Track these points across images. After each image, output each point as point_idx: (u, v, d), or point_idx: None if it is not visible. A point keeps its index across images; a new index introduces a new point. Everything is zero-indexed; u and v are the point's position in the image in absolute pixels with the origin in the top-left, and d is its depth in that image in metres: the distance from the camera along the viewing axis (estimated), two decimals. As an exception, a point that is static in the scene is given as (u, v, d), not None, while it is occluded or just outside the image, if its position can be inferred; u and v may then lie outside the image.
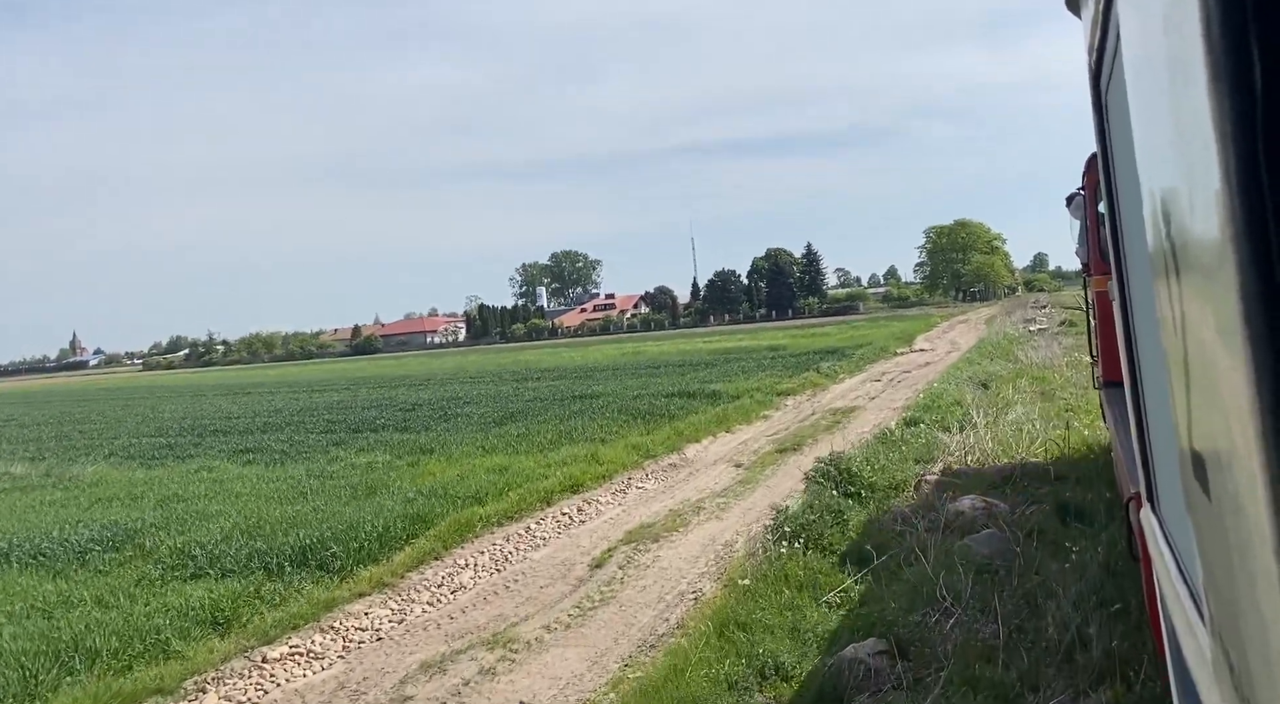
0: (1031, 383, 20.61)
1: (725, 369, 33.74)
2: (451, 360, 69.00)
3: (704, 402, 23.54)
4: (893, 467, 11.93)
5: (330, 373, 63.56)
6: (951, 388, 20.39)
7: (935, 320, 73.77)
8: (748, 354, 43.45)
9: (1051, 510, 9.00)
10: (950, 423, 15.56)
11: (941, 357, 36.26)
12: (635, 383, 30.27)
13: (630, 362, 44.67)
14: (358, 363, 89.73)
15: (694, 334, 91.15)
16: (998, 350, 30.70)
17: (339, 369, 71.45)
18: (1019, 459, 11.92)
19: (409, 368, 60.03)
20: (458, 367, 53.97)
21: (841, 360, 35.46)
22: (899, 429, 15.09)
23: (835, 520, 9.07)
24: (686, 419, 20.11)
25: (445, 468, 15.88)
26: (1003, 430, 14.11)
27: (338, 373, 62.34)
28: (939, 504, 9.27)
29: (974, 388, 20.44)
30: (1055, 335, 36.02)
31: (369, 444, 19.69)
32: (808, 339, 51.72)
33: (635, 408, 22.09)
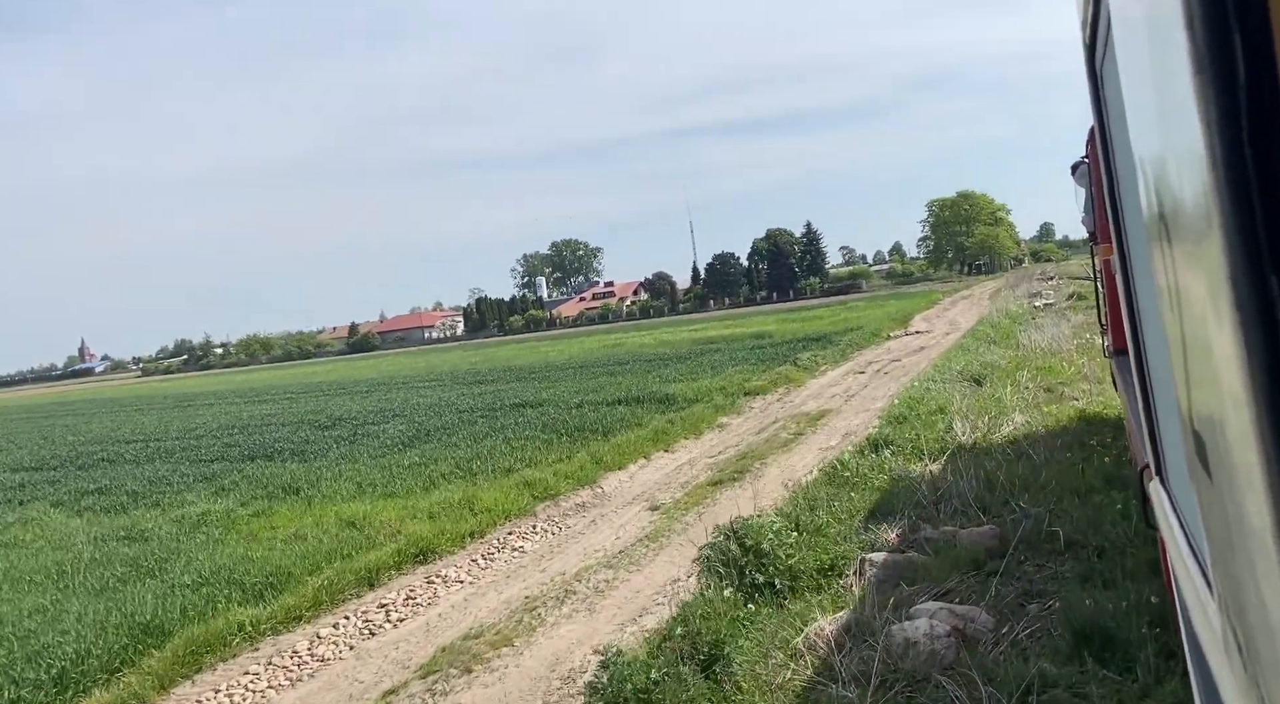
0: (1035, 376, 16.95)
1: (697, 364, 30.15)
2: (431, 358, 65.43)
3: (654, 408, 20.01)
4: (830, 530, 8.32)
5: (299, 377, 59.97)
6: (937, 387, 16.73)
7: (937, 297, 69.90)
8: (731, 343, 39.85)
9: (1064, 631, 5.44)
10: (926, 442, 11.94)
11: (938, 340, 32.58)
12: (590, 385, 26.72)
13: (603, 356, 41.09)
14: (340, 364, 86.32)
15: (686, 322, 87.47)
16: (998, 332, 26.97)
17: (315, 371, 67.91)
18: (1013, 508, 8.33)
19: (382, 368, 56.53)
20: (428, 367, 50.41)
21: (826, 348, 31.85)
22: (856, 458, 11.46)
23: (703, 673, 5.45)
24: (624, 434, 16.59)
25: (293, 519, 12.40)
26: (993, 457, 10.51)
27: (306, 377, 58.79)
28: (879, 624, 5.69)
29: (964, 386, 16.78)
30: (1063, 311, 32.25)
31: (238, 480, 16.22)
32: (798, 324, 48.01)
33: (570, 421, 18.57)
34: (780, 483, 12.17)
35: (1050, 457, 10.30)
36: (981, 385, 16.63)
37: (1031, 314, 33.36)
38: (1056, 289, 48.32)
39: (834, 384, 23.77)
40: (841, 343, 33.14)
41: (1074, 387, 15.94)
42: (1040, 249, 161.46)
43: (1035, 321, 29.85)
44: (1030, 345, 22.21)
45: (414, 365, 55.12)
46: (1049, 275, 64.76)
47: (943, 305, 59.20)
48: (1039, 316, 32.15)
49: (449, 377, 38.83)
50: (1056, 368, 17.75)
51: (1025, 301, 40.81)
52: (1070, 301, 36.73)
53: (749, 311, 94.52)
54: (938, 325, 40.73)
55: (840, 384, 23.54)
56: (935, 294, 75.20)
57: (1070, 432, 11.77)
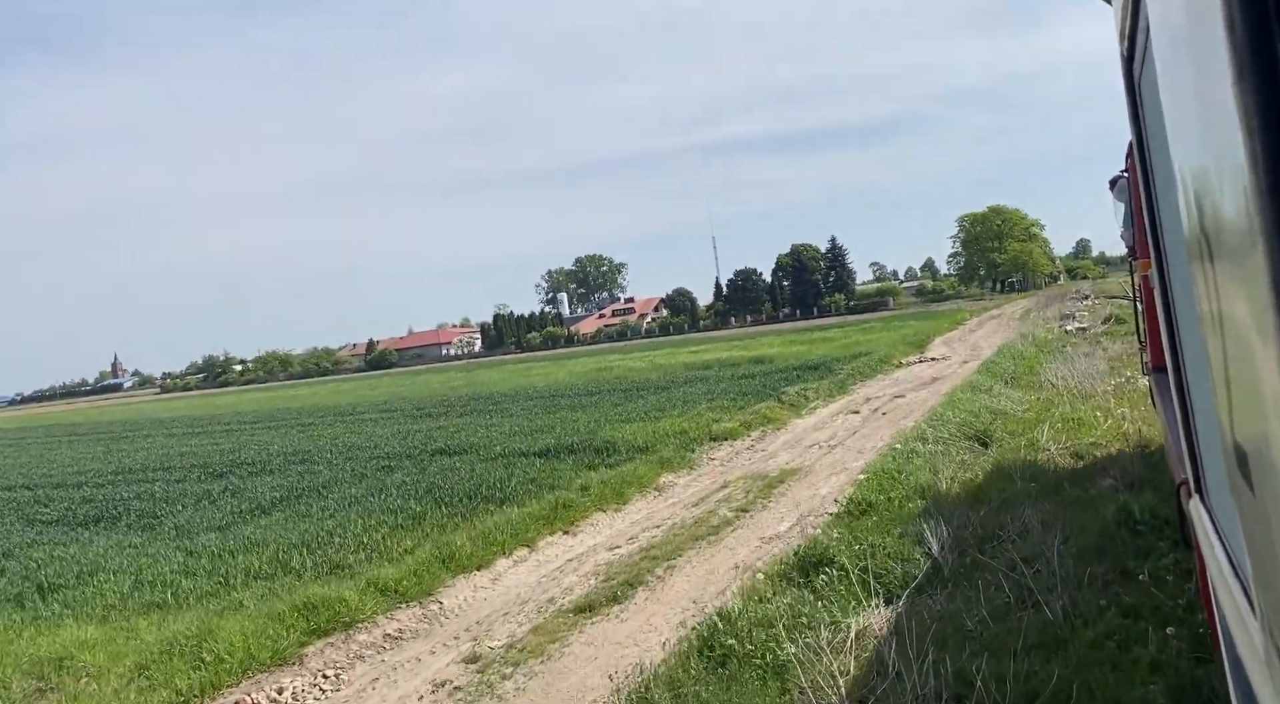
0: (1059, 433, 12.85)
1: (674, 396, 26.20)
2: (420, 380, 61.76)
3: (588, 461, 16.15)
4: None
5: (279, 402, 56.44)
6: (928, 449, 12.63)
7: (964, 316, 65.40)
8: (727, 369, 35.89)
9: None
10: (887, 556, 7.91)
11: (954, 369, 28.41)
12: (537, 424, 22.88)
13: (584, 383, 37.23)
14: (339, 384, 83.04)
15: (702, 340, 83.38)
16: (1019, 365, 22.77)
17: (298, 395, 64.35)
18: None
19: (362, 393, 52.88)
20: (399, 392, 46.63)
21: (824, 378, 27.80)
22: (765, 596, 7.43)
23: None
24: (526, 505, 12.73)
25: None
26: (981, 599, 6.51)
27: (285, 402, 55.30)
28: None
29: (964, 448, 12.70)
30: (1098, 339, 27.93)
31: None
32: (805, 347, 43.86)
33: (474, 480, 14.74)
34: (681, 609, 8.25)
35: (1075, 603, 6.28)
36: (987, 447, 12.54)
37: (1061, 341, 29.02)
38: (1091, 310, 43.78)
39: (820, 426, 19.75)
40: (844, 372, 29.05)
41: (1111, 447, 11.88)
42: (1076, 266, 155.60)
43: (1065, 351, 25.59)
44: (1057, 384, 18.06)
45: (393, 389, 51.36)
46: (1084, 294, 59.99)
47: (968, 326, 54.77)
48: (1070, 343, 27.86)
49: (413, 406, 35.07)
50: (1088, 420, 13.63)
51: (1055, 325, 36.40)
52: (1107, 326, 32.34)
53: (764, 330, 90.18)
54: (958, 351, 36.46)
55: (826, 427, 19.52)
56: (963, 313, 70.64)
57: (1107, 537, 7.74)
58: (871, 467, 12.15)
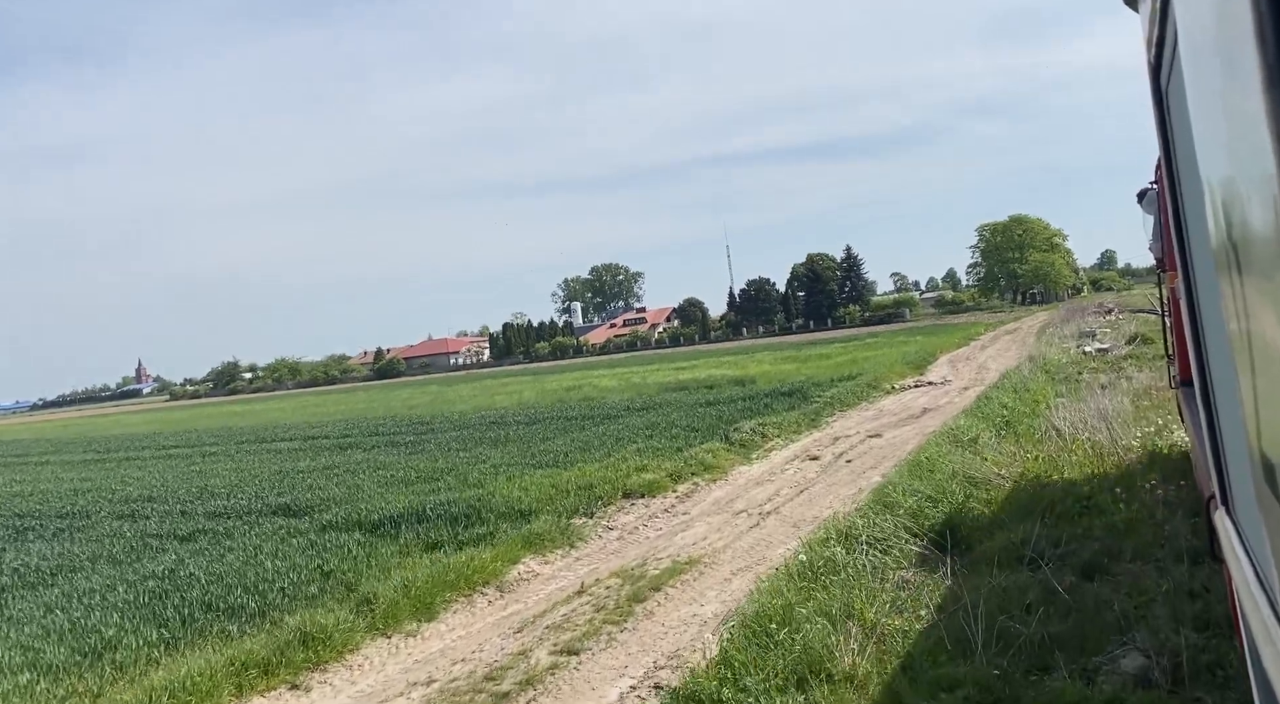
0: (1061, 526, 8.54)
1: (612, 429, 21.99)
2: (397, 396, 57.66)
3: (434, 536, 12.07)
4: None
5: (232, 419, 52.64)
6: (851, 561, 8.24)
7: (978, 330, 60.69)
8: (697, 392, 31.68)
9: None
10: None
11: (952, 397, 24.03)
12: (437, 465, 18.74)
13: (543, 405, 33.08)
14: (332, 396, 79.37)
15: (700, 353, 79.03)
16: (1022, 401, 18.32)
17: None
18: None
19: (329, 409, 48.79)
20: (364, 410, 42.48)
21: (801, 406, 23.53)
22: None
23: None
24: (257, 634, 8.61)
25: None
26: None
27: (235, 420, 51.48)
28: None
29: (911, 556, 8.31)
30: (1121, 364, 23.39)
31: None
32: (796, 365, 39.46)
33: (241, 576, 10.59)
34: None
35: None
36: (946, 556, 8.19)
37: (1078, 366, 24.45)
38: (1114, 327, 39.05)
39: (765, 479, 15.52)
40: (825, 398, 24.72)
41: (1139, 566, 7.62)
42: (1101, 277, 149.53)
43: (1080, 380, 21.10)
44: (1064, 433, 13.68)
45: (361, 406, 47.24)
46: (1107, 308, 55.03)
47: (980, 342, 50.13)
48: (1087, 369, 23.35)
49: (346, 430, 30.98)
50: (1103, 504, 9.30)
51: (1073, 345, 31.75)
52: (1132, 346, 27.72)
53: (769, 343, 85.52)
54: (962, 373, 31.99)
55: (773, 480, 15.29)
56: (978, 327, 65.88)
57: None
58: (758, 593, 7.83)
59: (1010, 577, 7.36)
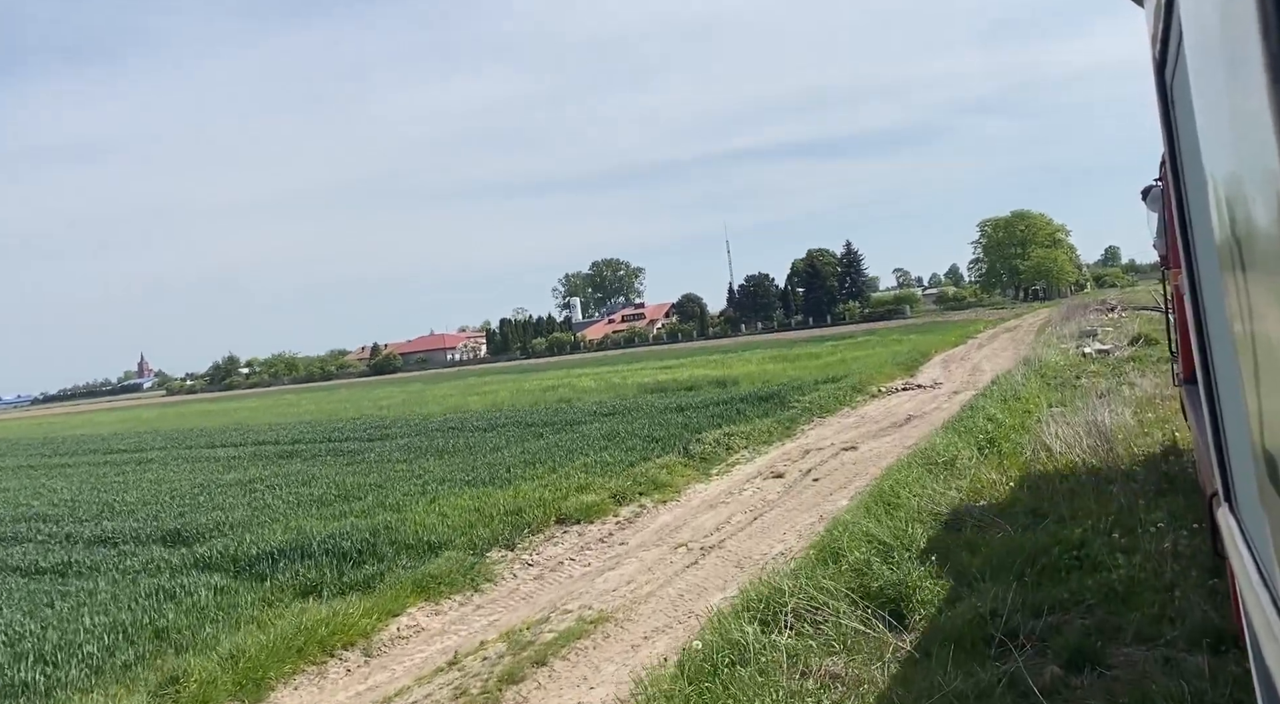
0: (1040, 584, 6.73)
1: (567, 439, 20.19)
2: (378, 394, 55.77)
3: (311, 579, 10.26)
4: None
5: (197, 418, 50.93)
6: (766, 648, 6.39)
7: (978, 328, 58.73)
8: (674, 395, 29.86)
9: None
10: None
11: (940, 402, 22.21)
12: (369, 479, 16.96)
13: (515, 407, 31.29)
14: (316, 393, 77.50)
15: (691, 351, 77.19)
16: (1011, 411, 16.42)
17: (262, 404, 58.90)
18: None
19: (305, 407, 46.95)
20: (335, 411, 40.51)
21: (776, 412, 21.72)
22: None
23: None
24: None
25: None
26: None
27: (199, 418, 49.78)
28: None
29: (849, 633, 6.45)
30: (1122, 368, 21.48)
31: None
32: (784, 365, 37.57)
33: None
34: None
35: None
36: (895, 632, 6.34)
37: (1076, 369, 22.54)
38: (1117, 326, 37.09)
39: (720, 501, 13.72)
40: (803, 402, 22.90)
41: (1142, 652, 5.82)
42: (1104, 274, 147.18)
43: (1078, 385, 19.21)
44: (1055, 452, 11.83)
45: (336, 405, 45.36)
46: (1110, 306, 53.02)
47: (978, 340, 48.20)
48: (1086, 373, 21.46)
49: (296, 436, 29.12)
50: (1098, 556, 7.47)
51: (1072, 345, 29.81)
52: (1135, 347, 25.79)
53: (765, 340, 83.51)
54: (955, 374, 30.12)
55: (728, 503, 13.50)
56: (977, 324, 63.88)
57: None
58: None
59: (971, 670, 5.53)
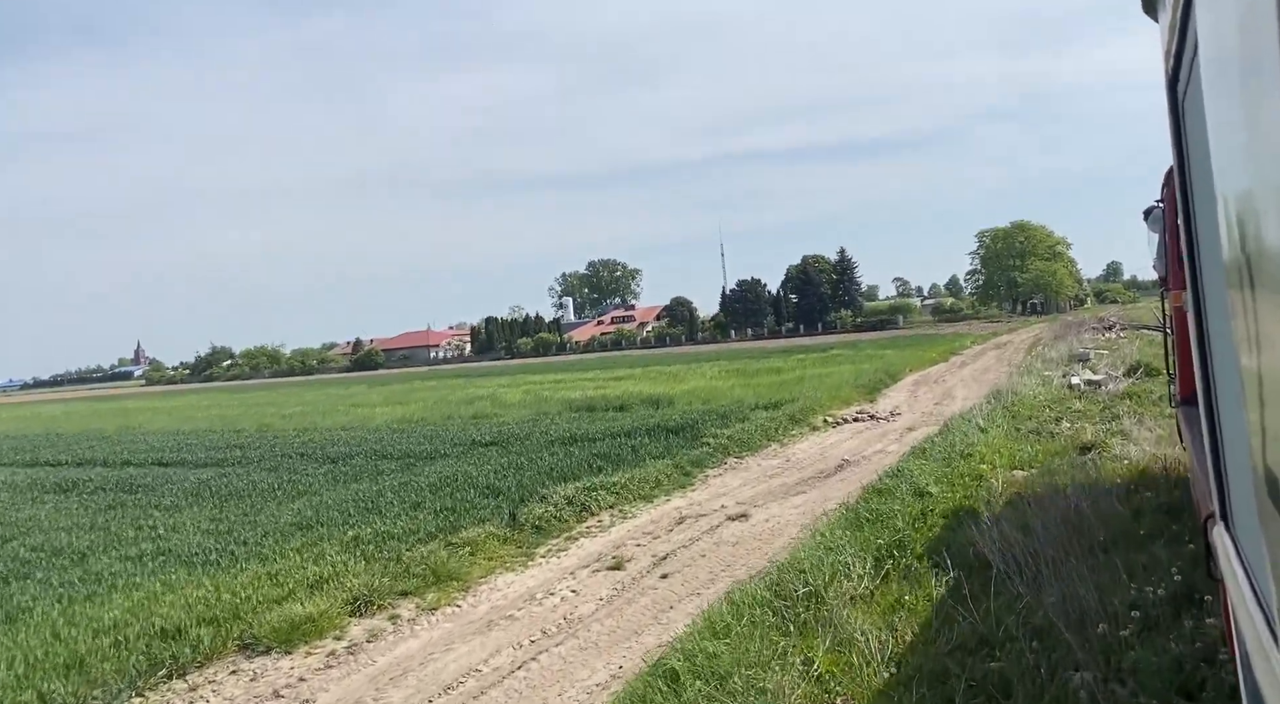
0: None
1: (393, 484, 15.58)
2: (292, 396, 51.25)
3: None
4: None
5: (118, 415, 46.34)
6: None
7: (964, 343, 53.95)
8: (605, 411, 25.40)
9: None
10: None
11: (889, 443, 17.57)
12: (81, 543, 12.35)
13: (410, 423, 26.76)
14: (269, 390, 72.95)
15: (669, 357, 72.52)
16: (956, 476, 11.62)
17: (195, 402, 54.23)
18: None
19: (220, 412, 42.44)
20: (233, 416, 35.85)
21: (680, 449, 17.13)
22: None
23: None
24: None
25: None
26: None
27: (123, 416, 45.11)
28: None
29: None
30: (1115, 408, 16.64)
31: None
32: (734, 380, 32.85)
33: None
34: None
35: None
36: None
37: (1057, 410, 17.74)
38: (1113, 349, 32.29)
39: (510, 613, 9.13)
40: (721, 438, 18.25)
41: None
42: (1105, 289, 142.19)
43: (1055, 436, 14.44)
44: (996, 571, 7.15)
45: (254, 409, 40.68)
46: (1107, 324, 48.15)
47: (961, 358, 43.46)
48: (1069, 415, 16.69)
49: (170, 444, 24.53)
50: None
51: (1059, 372, 24.99)
52: (1133, 381, 21.00)
53: (748, 348, 78.67)
54: (921, 400, 25.42)
55: (516, 619, 8.93)
56: (965, 339, 59.07)
57: None
58: None
59: None
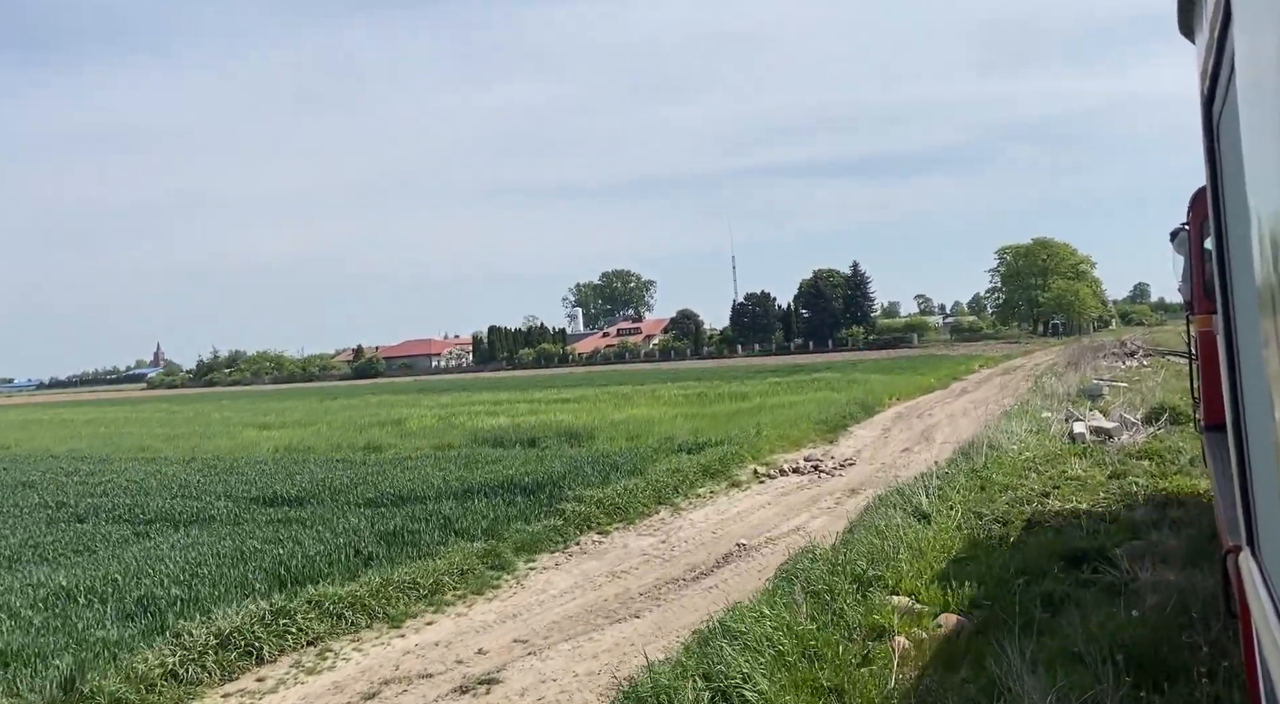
0: None
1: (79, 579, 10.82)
2: (205, 413, 46.73)
3: None
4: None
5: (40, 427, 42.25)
6: None
7: (971, 367, 48.69)
8: (511, 446, 20.71)
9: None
10: None
11: (817, 511, 12.65)
12: None
13: (318, 450, 22.25)
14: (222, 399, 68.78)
15: (658, 373, 67.61)
16: (833, 636, 6.72)
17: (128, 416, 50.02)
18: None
19: (132, 429, 38.16)
20: (105, 435, 31.31)
21: (520, 521, 12.37)
22: None
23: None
24: None
25: None
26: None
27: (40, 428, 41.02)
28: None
29: None
30: (1130, 471, 11.53)
31: None
32: (682, 409, 27.88)
33: None
34: None
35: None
36: None
37: (1047, 479, 12.58)
38: (1133, 380, 27.01)
39: None
40: (590, 501, 13.45)
41: None
42: (1132, 311, 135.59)
43: (1035, 530, 9.45)
44: None
45: (147, 427, 36.43)
46: (1130, 349, 42.62)
47: (965, 382, 38.28)
48: (1064, 483, 11.65)
49: None
50: None
51: (1063, 414, 19.71)
52: (1154, 430, 15.83)
53: (750, 364, 73.59)
54: (892, 441, 20.41)
55: None
56: (974, 362, 53.77)
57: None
58: None
59: None
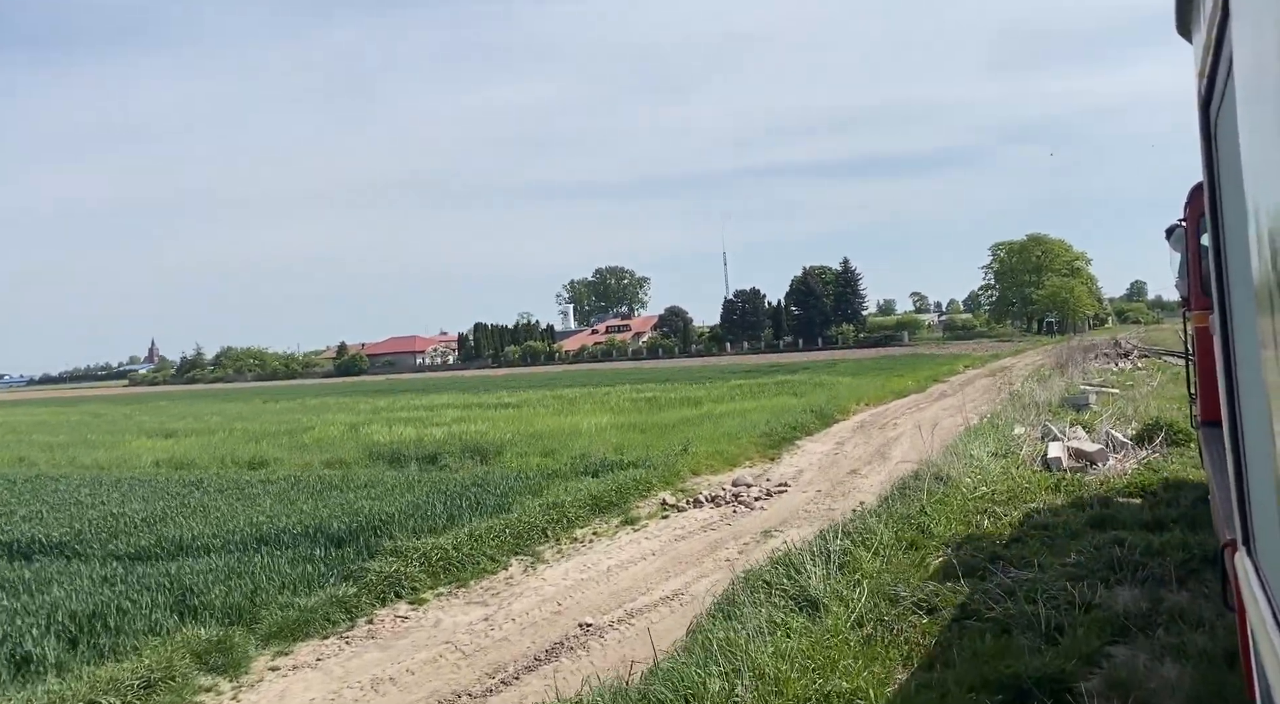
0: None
1: None
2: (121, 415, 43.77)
3: None
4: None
5: None
6: None
7: (956, 368, 45.56)
8: (407, 464, 17.67)
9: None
10: None
11: (702, 571, 9.49)
12: None
13: (195, 464, 19.13)
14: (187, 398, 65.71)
15: (641, 371, 64.54)
16: None
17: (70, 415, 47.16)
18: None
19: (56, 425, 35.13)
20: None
21: (303, 585, 9.22)
22: None
23: None
24: None
25: None
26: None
27: None
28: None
29: None
30: (1120, 517, 8.47)
31: None
32: (622, 415, 24.83)
33: None
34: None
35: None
36: None
37: (1006, 528, 9.46)
38: (1125, 386, 23.88)
39: None
40: (439, 542, 10.33)
41: None
42: (1128, 309, 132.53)
43: (968, 631, 6.44)
44: None
45: (62, 430, 33.44)
46: (1124, 349, 39.44)
47: (947, 385, 35.19)
48: (1028, 535, 8.59)
49: None
50: None
51: (1038, 429, 16.52)
52: (1150, 453, 12.72)
53: (735, 363, 70.49)
54: (844, 457, 17.33)
55: None
56: (960, 361, 50.68)
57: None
58: None
59: None
